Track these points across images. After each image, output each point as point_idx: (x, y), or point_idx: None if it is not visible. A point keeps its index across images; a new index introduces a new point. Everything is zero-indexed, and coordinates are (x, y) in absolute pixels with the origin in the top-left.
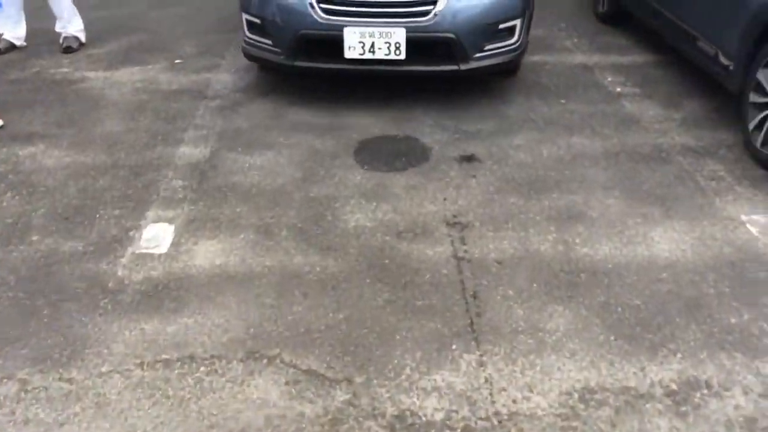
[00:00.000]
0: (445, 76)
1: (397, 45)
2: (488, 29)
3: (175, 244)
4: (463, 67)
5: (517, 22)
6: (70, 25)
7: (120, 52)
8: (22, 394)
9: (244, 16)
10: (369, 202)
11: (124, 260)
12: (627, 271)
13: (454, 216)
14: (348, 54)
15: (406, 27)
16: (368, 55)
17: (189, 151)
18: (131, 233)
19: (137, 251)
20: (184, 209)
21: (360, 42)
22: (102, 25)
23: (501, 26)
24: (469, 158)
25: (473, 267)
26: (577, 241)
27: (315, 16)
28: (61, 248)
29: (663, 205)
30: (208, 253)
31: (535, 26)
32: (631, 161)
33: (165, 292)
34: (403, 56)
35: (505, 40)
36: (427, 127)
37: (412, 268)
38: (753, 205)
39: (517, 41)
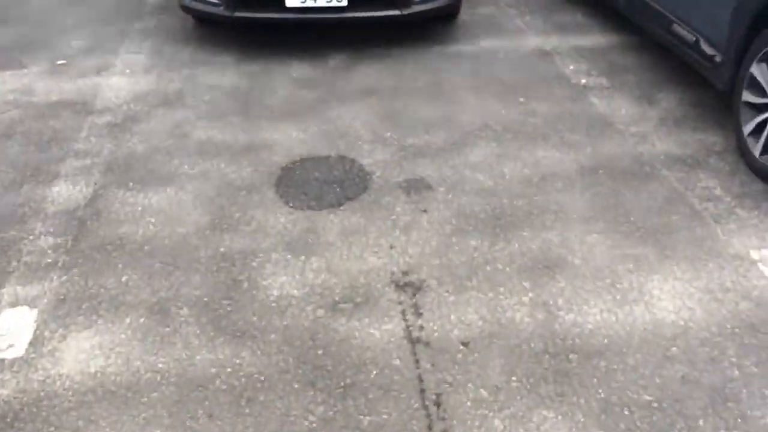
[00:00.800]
0: (387, 21)
1: None
2: None
3: (36, 340)
4: (405, 11)
5: None
6: None
7: None
8: None
9: None
10: (296, 256)
11: None
12: (628, 348)
13: (404, 273)
14: (289, 2)
15: None
16: (310, 3)
17: (66, 191)
18: None
19: None
20: (53, 282)
21: None
22: None
23: None
24: (418, 184)
25: (433, 353)
26: (560, 302)
27: None
28: None
29: (657, 241)
30: (80, 354)
31: (482, 2)
32: (610, 180)
33: (15, 429)
34: (344, 3)
35: None
36: (365, 143)
37: (354, 361)
38: (761, 235)
39: None
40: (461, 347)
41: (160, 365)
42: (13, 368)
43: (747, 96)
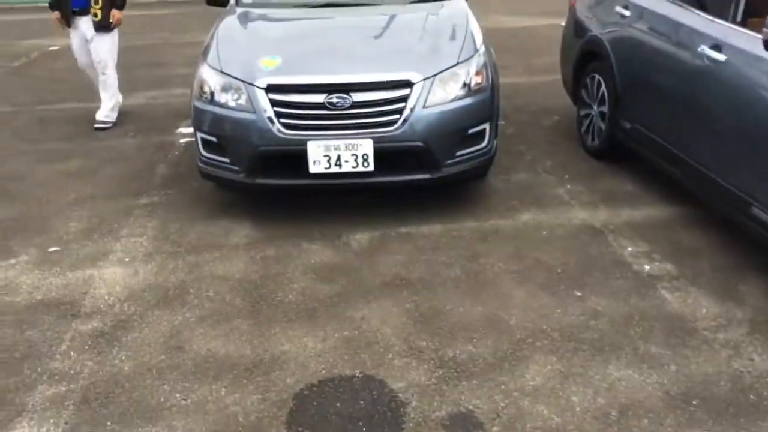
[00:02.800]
0: (416, 185)
1: (365, 157)
2: (457, 135)
3: None
4: (436, 175)
5: (486, 126)
6: None
7: None
8: None
9: (198, 135)
10: None
11: None
12: None
13: None
14: (313, 169)
15: (372, 138)
16: (334, 169)
17: None
18: None
19: None
20: None
21: (325, 156)
22: None
23: (470, 131)
24: (465, 422)
25: None
26: None
27: (275, 132)
28: None
29: None
30: None
31: (515, 167)
32: (709, 416)
33: None
34: (371, 168)
35: (475, 145)
36: (396, 356)
37: None
38: None
39: (487, 145)
40: None
41: None
42: None
43: None
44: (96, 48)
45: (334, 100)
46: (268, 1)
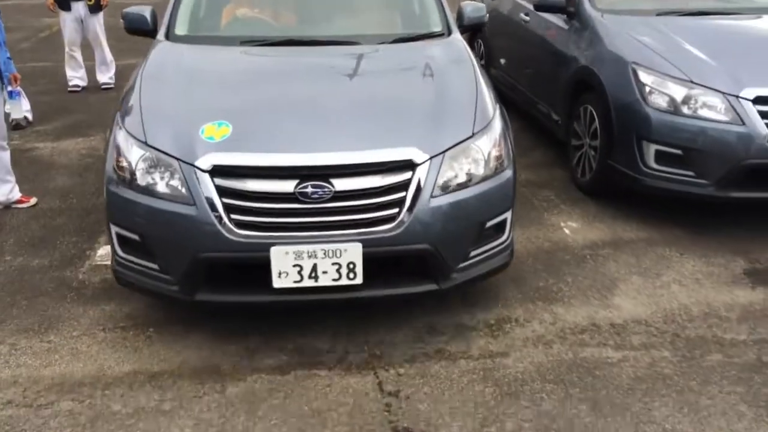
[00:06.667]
0: (417, 297)
1: (351, 266)
2: (473, 231)
3: None
4: (444, 285)
5: (508, 215)
6: None
7: (64, 128)
8: (13, 351)
9: (114, 229)
10: None
11: (83, 269)
12: None
13: None
14: (277, 283)
15: (362, 241)
16: (308, 282)
17: None
18: (87, 252)
19: (93, 263)
20: None
21: (295, 266)
22: (47, 108)
23: (489, 224)
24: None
25: None
26: None
27: (224, 233)
28: (31, 264)
29: None
30: None
31: None
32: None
33: (119, 289)
34: (359, 280)
35: (493, 240)
36: None
37: None
38: (570, 216)
39: (507, 237)
40: None
41: None
42: None
43: (573, 141)
44: (92, 27)
45: (309, 190)
46: (208, 34)
